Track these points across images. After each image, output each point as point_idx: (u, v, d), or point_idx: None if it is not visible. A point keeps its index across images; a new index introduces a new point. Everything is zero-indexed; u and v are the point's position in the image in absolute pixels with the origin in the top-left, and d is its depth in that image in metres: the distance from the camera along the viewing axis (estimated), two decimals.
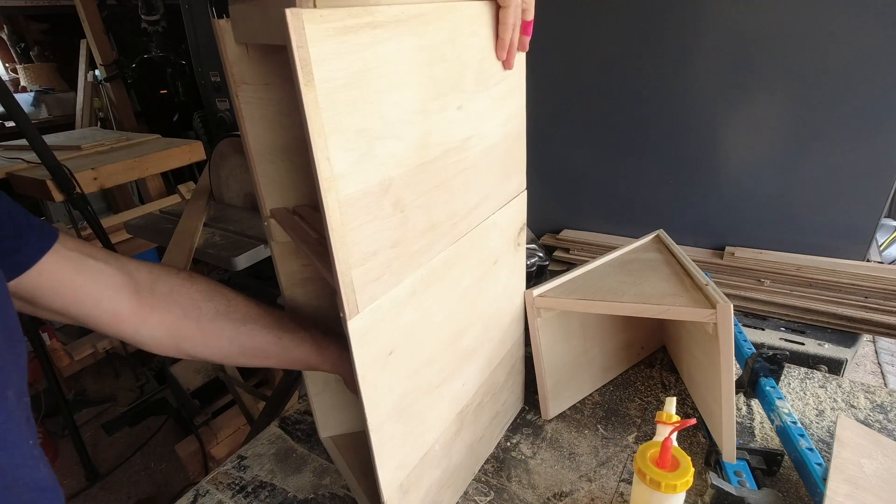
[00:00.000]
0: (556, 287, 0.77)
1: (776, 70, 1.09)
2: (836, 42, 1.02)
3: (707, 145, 1.24)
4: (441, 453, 0.65)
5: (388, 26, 0.42)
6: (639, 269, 0.82)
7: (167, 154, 2.08)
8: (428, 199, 0.51)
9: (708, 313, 0.64)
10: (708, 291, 0.68)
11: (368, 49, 0.41)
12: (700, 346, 0.77)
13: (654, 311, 0.69)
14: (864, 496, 0.58)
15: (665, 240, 0.92)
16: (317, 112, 0.38)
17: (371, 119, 0.42)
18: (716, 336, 0.64)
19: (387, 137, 0.44)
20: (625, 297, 0.72)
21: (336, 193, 0.41)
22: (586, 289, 0.76)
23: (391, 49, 0.43)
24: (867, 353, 2.37)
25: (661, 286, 0.74)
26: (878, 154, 1.06)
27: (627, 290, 0.74)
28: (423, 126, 0.48)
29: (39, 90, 3.69)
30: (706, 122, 1.22)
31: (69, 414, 1.87)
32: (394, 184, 0.46)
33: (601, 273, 0.82)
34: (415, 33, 0.45)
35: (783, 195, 1.18)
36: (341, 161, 0.41)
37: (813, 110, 1.09)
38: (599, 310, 0.73)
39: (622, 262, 0.86)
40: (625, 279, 0.78)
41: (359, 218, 0.44)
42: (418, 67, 0.46)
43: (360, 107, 0.41)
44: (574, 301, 0.74)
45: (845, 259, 1.17)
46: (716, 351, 0.65)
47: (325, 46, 0.37)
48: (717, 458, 0.70)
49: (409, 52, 0.45)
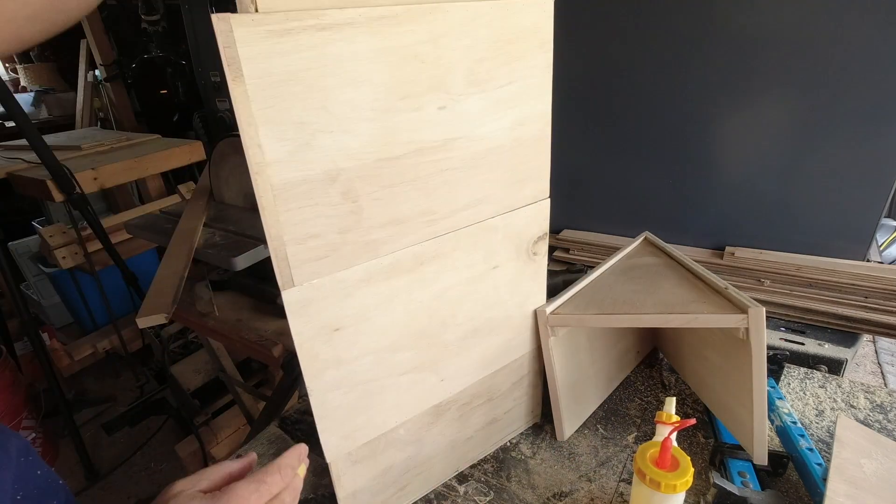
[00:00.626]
0: (566, 303, 0.74)
1: (776, 71, 1.09)
2: (837, 43, 1.02)
3: (707, 145, 1.24)
4: (407, 438, 0.67)
5: (338, 28, 0.44)
6: (645, 276, 0.79)
7: (167, 154, 2.08)
8: (390, 193, 0.53)
9: (739, 318, 0.62)
10: (730, 295, 0.66)
11: (314, 49, 0.44)
12: (716, 348, 0.75)
13: (683, 321, 0.66)
14: (864, 496, 0.58)
15: (656, 241, 0.90)
16: (246, 104, 0.42)
17: (314, 113, 0.46)
18: (746, 340, 0.63)
19: (335, 132, 0.47)
20: (645, 307, 0.69)
21: (267, 178, 0.45)
22: (601, 302, 0.72)
23: (342, 50, 0.45)
24: (867, 353, 2.37)
25: (678, 293, 0.71)
26: (878, 154, 1.06)
27: (644, 299, 0.71)
28: (384, 123, 0.50)
29: (39, 90, 3.69)
30: (706, 122, 1.22)
31: (69, 414, 1.87)
32: (343, 175, 0.50)
33: (607, 283, 0.78)
34: (376, 34, 0.47)
35: (783, 195, 1.19)
36: (275, 149, 0.45)
37: (813, 111, 1.09)
38: (622, 323, 0.69)
39: (622, 269, 0.83)
40: (636, 288, 0.75)
41: (297, 202, 0.48)
42: (381, 67, 0.48)
43: (300, 102, 0.45)
44: (593, 316, 0.70)
45: (845, 259, 1.17)
46: (743, 354, 0.64)
47: (256, 47, 0.41)
48: (721, 459, 0.70)
49: (367, 52, 0.47)
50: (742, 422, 0.69)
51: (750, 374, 0.64)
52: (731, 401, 0.73)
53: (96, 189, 1.86)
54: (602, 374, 0.88)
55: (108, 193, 2.63)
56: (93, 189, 1.82)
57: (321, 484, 0.75)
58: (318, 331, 0.53)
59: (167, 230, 1.29)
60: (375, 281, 0.56)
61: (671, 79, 1.22)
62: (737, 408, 0.71)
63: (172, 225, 1.30)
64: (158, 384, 2.12)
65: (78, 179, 1.72)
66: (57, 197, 1.72)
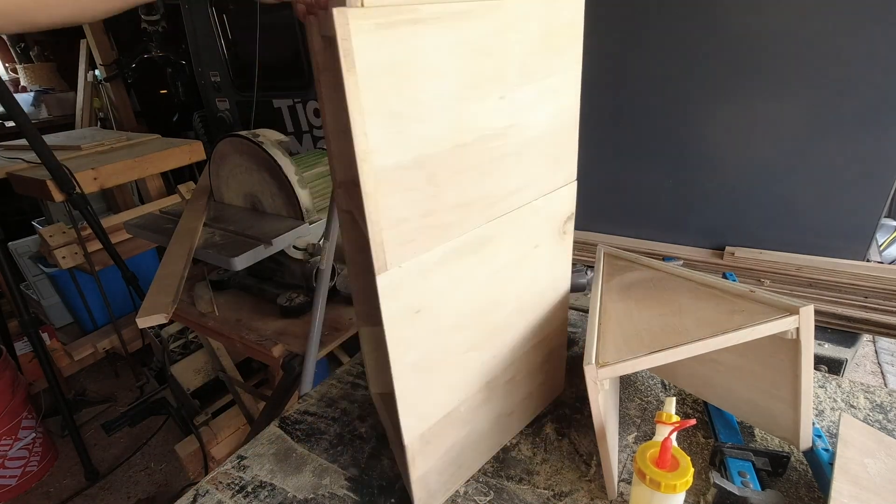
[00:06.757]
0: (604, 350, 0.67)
1: (776, 71, 1.09)
2: (837, 43, 1.02)
3: (707, 145, 1.24)
4: (467, 416, 0.69)
5: (428, 22, 0.48)
6: (652, 296, 0.75)
7: (167, 154, 2.08)
8: (460, 178, 0.57)
9: (791, 321, 0.61)
10: (763, 298, 0.65)
11: (408, 42, 0.47)
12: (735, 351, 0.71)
13: (741, 337, 0.62)
14: (869, 497, 0.58)
15: (622, 255, 0.87)
16: (356, 94, 0.45)
17: (407, 103, 0.49)
18: (797, 339, 0.63)
19: (424, 120, 0.51)
20: (692, 333, 0.64)
21: (371, 164, 0.48)
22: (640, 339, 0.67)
23: (430, 42, 0.49)
24: (867, 353, 2.37)
25: (708, 307, 0.68)
26: (878, 154, 1.06)
27: (683, 323, 0.67)
28: (458, 112, 0.54)
29: (39, 90, 3.69)
30: (706, 122, 1.22)
31: (69, 414, 1.87)
32: (428, 161, 0.53)
33: (624, 314, 0.73)
34: (455, 28, 0.50)
35: (783, 195, 1.18)
36: (376, 137, 0.47)
37: (813, 111, 1.09)
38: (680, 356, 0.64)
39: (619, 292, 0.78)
40: (661, 312, 0.70)
41: (392, 187, 0.50)
42: (457, 59, 0.51)
43: (396, 92, 0.48)
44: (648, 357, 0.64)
45: (845, 259, 1.17)
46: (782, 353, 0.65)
47: (366, 38, 0.44)
48: (721, 459, 0.70)
49: (448, 45, 0.50)
50: (777, 416, 0.71)
51: (794, 369, 0.65)
52: (760, 397, 0.72)
53: (96, 189, 1.86)
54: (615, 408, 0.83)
55: (108, 193, 2.63)
56: (93, 189, 1.82)
57: (321, 484, 0.75)
58: (404, 313, 0.56)
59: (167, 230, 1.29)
60: (448, 262, 0.59)
61: (672, 79, 1.22)
62: (770, 403, 0.71)
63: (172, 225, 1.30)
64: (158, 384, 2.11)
65: (78, 179, 1.72)
66: (57, 197, 1.72)
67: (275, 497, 0.73)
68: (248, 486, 0.75)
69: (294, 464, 0.79)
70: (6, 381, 1.83)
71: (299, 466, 0.78)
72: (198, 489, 0.75)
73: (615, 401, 0.83)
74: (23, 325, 1.77)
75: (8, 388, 1.83)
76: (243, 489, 0.74)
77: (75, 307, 2.28)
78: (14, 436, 1.88)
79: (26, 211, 2.79)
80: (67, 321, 2.45)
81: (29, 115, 1.73)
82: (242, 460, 0.80)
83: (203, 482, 0.76)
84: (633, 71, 1.26)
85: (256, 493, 0.74)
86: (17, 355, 2.14)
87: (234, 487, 0.75)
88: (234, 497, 0.73)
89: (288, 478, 0.76)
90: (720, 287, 0.71)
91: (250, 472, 0.78)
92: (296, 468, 0.78)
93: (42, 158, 1.60)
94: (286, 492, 0.74)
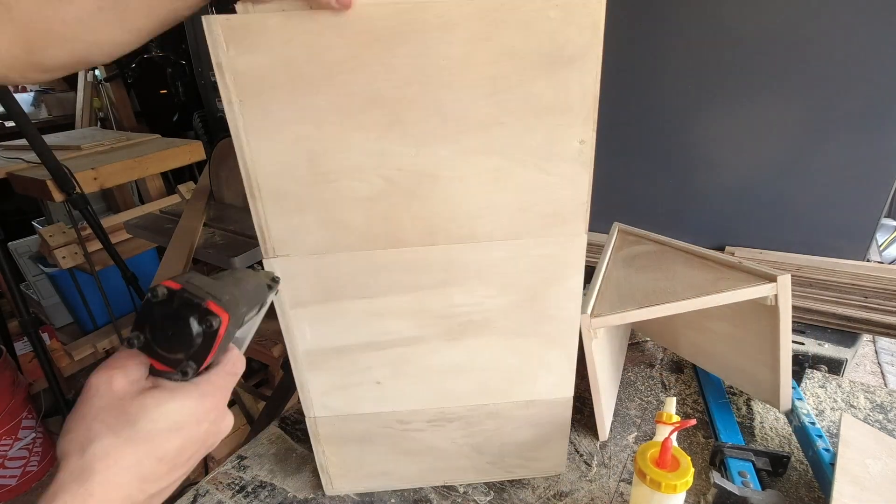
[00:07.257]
0: (597, 303, 0.74)
1: (776, 70, 1.09)
2: (837, 43, 1.02)
3: (707, 145, 1.24)
4: None
5: None
6: (652, 264, 0.81)
7: (167, 154, 2.08)
8: None
9: (770, 287, 0.67)
10: (748, 267, 0.71)
11: None
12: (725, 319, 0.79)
13: (722, 299, 0.69)
14: (870, 497, 0.58)
15: (632, 230, 0.95)
16: None
17: None
18: (775, 306, 0.68)
19: None
20: (680, 293, 0.71)
21: None
22: (632, 296, 0.73)
23: None
24: (867, 353, 2.37)
25: (698, 274, 0.75)
26: (878, 154, 1.06)
27: (673, 286, 0.73)
28: None
29: (39, 90, 3.68)
30: (706, 122, 1.22)
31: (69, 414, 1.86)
32: None
33: (622, 278, 0.80)
34: None
35: (783, 195, 1.18)
36: None
37: (813, 110, 1.09)
38: (665, 312, 0.70)
39: (624, 261, 0.85)
40: (655, 276, 0.77)
41: None
42: None
43: None
44: (637, 311, 0.71)
45: (845, 259, 1.17)
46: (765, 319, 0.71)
47: None
48: (721, 459, 0.70)
49: None
50: (760, 380, 0.78)
51: (774, 335, 0.71)
52: (747, 363, 0.80)
53: (96, 189, 1.86)
54: (616, 365, 0.91)
55: (108, 193, 2.62)
56: (93, 189, 1.82)
57: (321, 484, 0.75)
58: None
59: (167, 230, 1.29)
60: None
61: (671, 79, 1.22)
62: (755, 368, 0.78)
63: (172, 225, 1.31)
64: None
65: (78, 179, 1.72)
66: (57, 197, 1.72)
67: (275, 497, 0.73)
68: (248, 486, 0.75)
69: (294, 464, 0.79)
70: (6, 381, 1.83)
71: (299, 466, 0.78)
72: (198, 489, 0.75)
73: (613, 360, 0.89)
74: (23, 325, 1.77)
75: (8, 388, 1.83)
76: (243, 489, 0.74)
77: (75, 307, 2.28)
78: (14, 436, 1.88)
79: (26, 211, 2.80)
80: (67, 321, 2.45)
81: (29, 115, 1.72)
82: (242, 460, 0.80)
83: (203, 482, 0.76)
84: (632, 71, 1.25)
85: (256, 493, 0.74)
86: (17, 355, 2.14)
87: (234, 487, 0.75)
88: (234, 497, 0.73)
89: (288, 478, 0.76)
90: (712, 258, 0.78)
91: (250, 472, 0.78)
92: (296, 468, 0.78)
93: (42, 158, 1.60)
94: (286, 492, 0.74)
